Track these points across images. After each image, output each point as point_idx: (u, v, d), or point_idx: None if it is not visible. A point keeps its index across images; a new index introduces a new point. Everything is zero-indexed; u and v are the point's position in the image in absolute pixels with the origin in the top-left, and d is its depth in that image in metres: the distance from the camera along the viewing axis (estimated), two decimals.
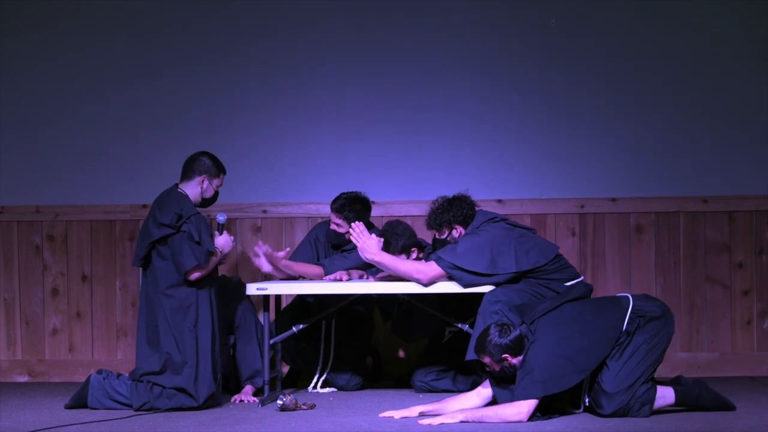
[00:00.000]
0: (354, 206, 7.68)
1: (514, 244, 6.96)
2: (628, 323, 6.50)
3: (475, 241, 6.97)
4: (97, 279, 8.50)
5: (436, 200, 7.20)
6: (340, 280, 7.38)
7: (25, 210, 8.53)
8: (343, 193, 7.73)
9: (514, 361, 6.46)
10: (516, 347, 6.46)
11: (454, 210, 7.11)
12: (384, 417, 6.52)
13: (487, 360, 6.51)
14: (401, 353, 8.24)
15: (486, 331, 6.53)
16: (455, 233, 7.13)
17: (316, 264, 7.69)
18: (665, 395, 6.52)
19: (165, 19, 8.54)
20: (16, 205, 8.55)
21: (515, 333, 6.47)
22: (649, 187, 8.29)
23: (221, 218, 7.15)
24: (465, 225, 7.11)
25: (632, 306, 6.55)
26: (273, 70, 8.50)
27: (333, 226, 7.73)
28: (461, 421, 6.32)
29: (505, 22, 8.41)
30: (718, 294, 8.27)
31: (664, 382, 6.60)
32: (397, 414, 6.52)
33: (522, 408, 6.32)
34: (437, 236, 7.20)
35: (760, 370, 8.20)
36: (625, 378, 6.44)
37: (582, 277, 7.04)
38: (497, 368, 6.50)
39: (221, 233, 7.12)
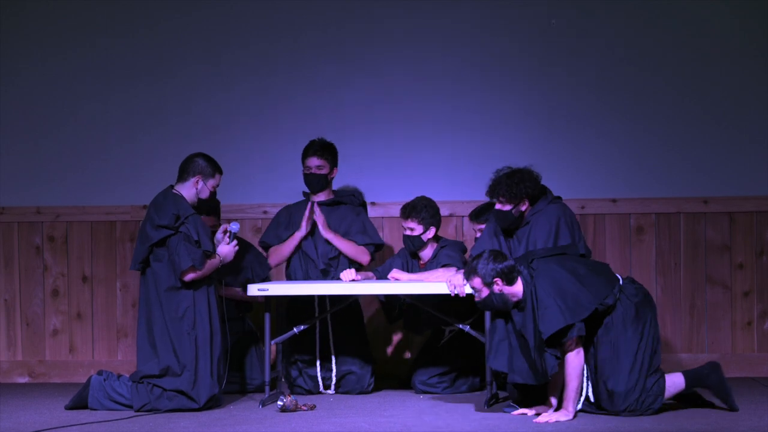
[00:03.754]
0: (330, 148, 7.80)
1: (577, 226, 7.03)
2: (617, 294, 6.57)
3: (551, 223, 6.97)
4: (98, 280, 8.50)
5: (502, 170, 7.08)
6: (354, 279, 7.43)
7: (25, 211, 8.53)
8: (314, 140, 7.82)
9: (505, 289, 6.48)
10: (508, 275, 6.49)
11: (528, 182, 7.00)
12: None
13: (476, 282, 6.52)
14: (407, 354, 8.26)
15: (480, 255, 6.56)
16: (522, 206, 7.05)
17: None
18: (675, 382, 6.58)
19: (165, 19, 8.54)
20: (17, 206, 8.55)
21: (509, 262, 6.52)
22: (649, 188, 8.30)
23: (234, 227, 7.15)
24: (532, 201, 7.05)
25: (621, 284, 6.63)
26: (273, 70, 8.50)
27: (314, 170, 7.76)
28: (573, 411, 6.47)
29: (505, 22, 8.41)
30: (719, 295, 8.27)
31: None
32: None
33: (571, 354, 6.40)
34: (500, 207, 7.04)
35: (761, 371, 8.20)
36: (630, 375, 6.46)
37: None
38: (485, 293, 6.51)
39: (230, 242, 7.12)
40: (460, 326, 7.23)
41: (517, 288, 6.53)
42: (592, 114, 8.37)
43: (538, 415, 6.53)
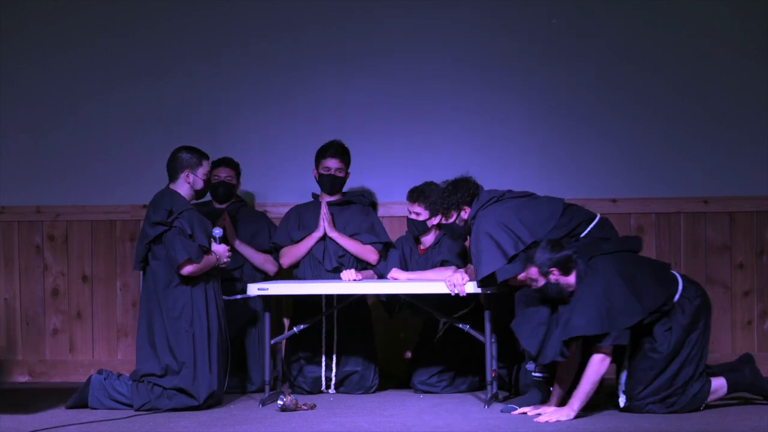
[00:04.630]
0: (348, 151, 7.86)
1: (517, 221, 6.96)
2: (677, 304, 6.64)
3: (483, 243, 6.90)
4: (98, 279, 8.50)
5: (438, 186, 7.19)
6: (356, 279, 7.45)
7: (25, 210, 8.53)
8: (333, 142, 7.85)
9: (561, 279, 6.52)
10: (565, 265, 6.54)
11: (461, 191, 7.08)
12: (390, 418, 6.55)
13: (533, 271, 6.58)
14: (408, 354, 8.24)
15: (537, 244, 6.62)
16: (464, 215, 7.09)
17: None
18: (718, 388, 6.64)
19: (165, 19, 8.54)
20: (17, 205, 8.55)
21: (567, 252, 6.56)
22: (649, 188, 8.29)
23: (217, 232, 7.16)
24: (471, 206, 7.08)
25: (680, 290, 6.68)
26: (273, 69, 8.50)
27: (333, 172, 7.78)
28: (576, 411, 6.46)
29: (505, 22, 8.41)
30: (719, 295, 8.26)
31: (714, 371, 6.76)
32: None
33: (598, 357, 6.42)
34: (444, 221, 7.15)
35: (761, 371, 8.18)
36: (676, 379, 6.56)
37: (598, 215, 6.97)
38: (541, 282, 6.57)
39: (218, 244, 7.14)
40: (460, 326, 7.23)
41: (573, 279, 6.58)
42: (592, 114, 8.37)
43: (539, 415, 6.53)
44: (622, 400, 6.62)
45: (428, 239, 7.74)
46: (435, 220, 7.64)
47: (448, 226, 7.17)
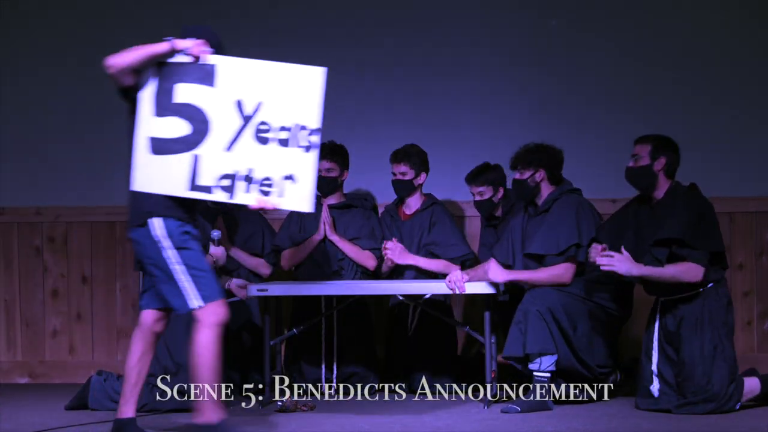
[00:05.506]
0: (340, 151, 7.83)
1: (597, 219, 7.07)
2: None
3: (584, 214, 7.00)
4: (98, 281, 8.50)
5: (529, 144, 7.20)
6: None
7: (25, 211, 8.53)
8: (324, 143, 7.75)
9: (662, 174, 6.71)
10: (673, 166, 6.73)
11: (547, 154, 7.12)
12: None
13: (645, 148, 6.77)
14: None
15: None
16: (538, 176, 7.10)
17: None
18: (753, 388, 6.64)
19: (164, 18, 8.54)
20: (17, 207, 8.55)
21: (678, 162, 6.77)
22: None
23: (215, 234, 7.15)
24: (549, 174, 7.11)
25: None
26: None
27: (323, 173, 7.77)
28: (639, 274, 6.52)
29: (506, 22, 8.42)
30: None
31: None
32: None
33: (690, 264, 6.51)
34: (518, 176, 7.13)
35: (761, 371, 8.16)
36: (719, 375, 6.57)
37: None
38: (644, 162, 6.71)
39: (216, 246, 7.14)
40: (459, 326, 7.23)
41: (665, 185, 6.70)
42: (593, 114, 8.37)
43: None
44: (655, 387, 6.60)
45: (414, 202, 7.74)
46: (421, 179, 7.67)
47: (517, 183, 7.15)
